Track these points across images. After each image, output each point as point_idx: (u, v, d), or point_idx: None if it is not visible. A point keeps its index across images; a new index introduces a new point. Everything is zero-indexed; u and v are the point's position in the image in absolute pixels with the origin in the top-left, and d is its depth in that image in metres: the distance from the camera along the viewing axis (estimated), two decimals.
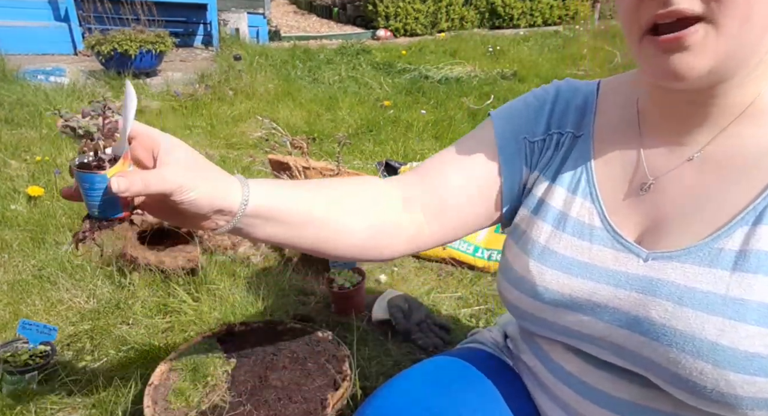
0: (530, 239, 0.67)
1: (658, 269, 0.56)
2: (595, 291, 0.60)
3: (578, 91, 0.71)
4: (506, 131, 0.71)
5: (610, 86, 0.71)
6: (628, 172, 0.64)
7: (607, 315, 0.59)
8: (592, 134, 0.67)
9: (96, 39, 4.04)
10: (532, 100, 0.73)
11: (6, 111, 3.27)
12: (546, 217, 0.66)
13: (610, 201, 0.64)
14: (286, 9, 9.29)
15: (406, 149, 3.14)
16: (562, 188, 0.67)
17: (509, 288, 0.69)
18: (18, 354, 1.33)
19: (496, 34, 7.20)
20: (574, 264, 0.62)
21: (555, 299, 0.63)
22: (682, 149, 0.60)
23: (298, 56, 5.39)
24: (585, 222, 0.64)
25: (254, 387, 1.22)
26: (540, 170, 0.70)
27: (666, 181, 0.60)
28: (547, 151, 0.70)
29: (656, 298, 0.55)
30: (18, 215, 2.15)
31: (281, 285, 1.77)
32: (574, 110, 0.70)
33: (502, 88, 4.46)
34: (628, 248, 0.60)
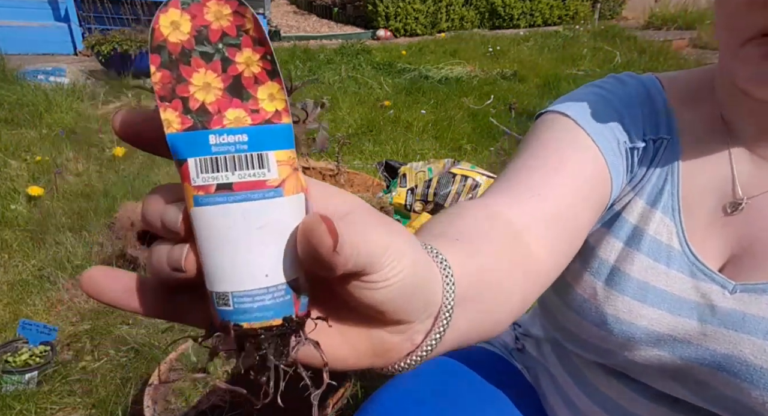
0: (597, 256, 0.58)
1: (750, 303, 0.50)
2: (676, 325, 0.53)
3: (654, 91, 0.61)
4: (605, 136, 0.57)
5: (678, 85, 0.61)
6: (717, 188, 0.55)
7: (688, 351, 0.52)
8: (680, 138, 0.58)
9: (96, 39, 4.04)
10: (611, 98, 0.60)
11: (6, 111, 3.27)
12: (618, 232, 0.57)
13: (691, 219, 0.55)
14: (286, 9, 9.29)
15: (406, 149, 3.14)
16: (641, 199, 0.57)
17: (568, 314, 0.60)
18: (18, 354, 1.33)
19: (496, 34, 7.20)
20: (650, 291, 0.54)
21: (626, 332, 0.55)
22: None
23: (298, 56, 5.39)
24: (663, 242, 0.55)
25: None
26: (632, 181, 0.59)
27: (758, 203, 0.53)
28: (642, 160, 0.59)
29: (750, 336, 0.49)
30: (18, 215, 2.15)
31: None
32: (660, 112, 0.60)
33: (502, 88, 4.46)
34: (711, 277, 0.53)
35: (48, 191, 2.35)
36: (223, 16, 0.24)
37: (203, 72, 0.24)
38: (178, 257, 0.25)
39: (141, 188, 2.45)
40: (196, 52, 0.24)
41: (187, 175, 0.24)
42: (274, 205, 0.24)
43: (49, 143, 2.90)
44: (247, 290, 0.24)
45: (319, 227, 0.23)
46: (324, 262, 0.23)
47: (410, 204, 2.19)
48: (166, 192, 0.26)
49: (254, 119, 0.24)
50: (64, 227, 2.08)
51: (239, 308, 0.24)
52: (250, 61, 0.25)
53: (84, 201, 2.29)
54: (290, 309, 0.25)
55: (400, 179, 2.28)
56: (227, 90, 0.24)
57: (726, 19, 0.48)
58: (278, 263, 0.25)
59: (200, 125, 0.24)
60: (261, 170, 0.24)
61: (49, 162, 2.65)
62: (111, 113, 3.45)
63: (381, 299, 0.26)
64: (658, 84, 0.61)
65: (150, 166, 2.76)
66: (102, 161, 2.78)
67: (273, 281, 0.25)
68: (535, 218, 0.49)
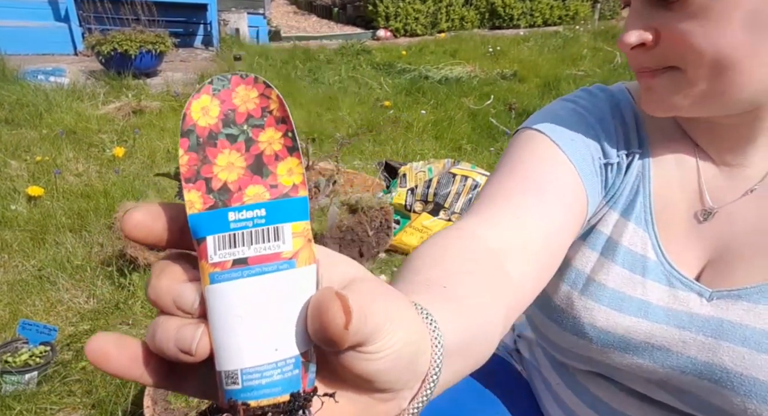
0: (573, 267, 0.59)
1: (727, 310, 0.51)
2: (654, 333, 0.53)
3: (624, 103, 0.62)
4: (579, 153, 0.57)
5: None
6: (688, 197, 0.56)
7: (669, 359, 0.53)
8: (649, 150, 0.59)
9: (96, 39, 4.04)
10: (584, 114, 0.60)
11: (6, 111, 3.27)
12: (594, 244, 0.58)
13: (665, 229, 0.56)
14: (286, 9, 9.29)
15: (406, 150, 3.14)
16: (615, 211, 0.58)
17: (547, 323, 0.61)
18: (18, 354, 1.33)
19: (496, 34, 7.20)
20: (626, 300, 0.54)
21: (604, 340, 0.56)
22: (745, 175, 0.55)
23: (298, 56, 5.39)
24: (637, 252, 0.56)
25: None
26: (608, 196, 0.60)
27: (728, 211, 0.54)
28: (618, 174, 0.59)
29: (729, 343, 0.49)
30: (18, 215, 2.15)
31: None
32: (630, 125, 0.61)
33: (502, 88, 4.46)
34: (688, 285, 0.53)
35: (48, 191, 2.35)
36: (250, 99, 0.25)
37: (227, 153, 0.25)
38: (189, 339, 0.24)
39: (141, 188, 2.45)
40: (222, 135, 0.25)
41: (205, 253, 0.24)
42: (287, 277, 0.24)
43: (49, 143, 2.90)
44: (257, 366, 0.24)
45: (334, 305, 0.22)
46: (332, 338, 0.22)
47: (410, 204, 2.19)
48: (175, 268, 0.25)
49: (272, 194, 0.25)
50: (64, 227, 2.08)
51: (248, 386, 0.24)
52: (272, 139, 0.26)
53: (84, 201, 2.29)
54: (298, 384, 0.25)
55: (400, 179, 2.28)
56: (249, 168, 0.25)
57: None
58: (289, 336, 0.24)
59: (221, 204, 0.24)
60: (276, 243, 0.24)
61: (49, 162, 2.65)
62: (111, 112, 3.45)
63: (374, 371, 0.25)
64: (628, 95, 0.62)
65: (150, 166, 2.76)
66: (102, 161, 2.78)
67: (282, 355, 0.24)
68: (514, 242, 0.50)
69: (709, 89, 0.48)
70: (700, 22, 0.44)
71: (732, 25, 0.44)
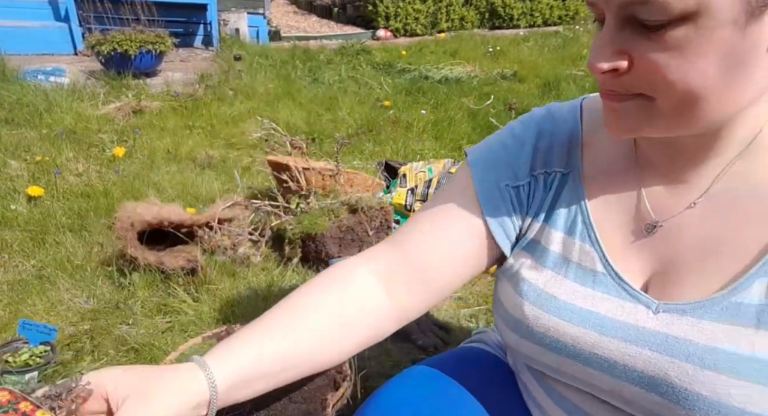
0: (526, 280, 0.62)
1: (672, 324, 0.52)
2: (599, 344, 0.55)
3: (562, 122, 0.65)
4: (486, 181, 0.65)
5: (596, 113, 0.64)
6: (629, 212, 0.59)
7: (617, 370, 0.54)
8: (581, 170, 0.62)
9: (96, 39, 4.03)
10: (510, 141, 0.67)
11: (6, 111, 3.26)
12: (545, 261, 0.61)
13: (611, 244, 0.59)
14: (286, 9, 9.28)
15: (406, 150, 3.14)
16: (558, 230, 0.62)
17: (507, 331, 0.64)
18: (18, 354, 1.33)
19: (496, 34, 7.20)
20: (576, 311, 0.57)
21: (555, 347, 0.58)
22: (687, 188, 0.56)
23: (298, 56, 5.38)
24: (587, 268, 0.59)
25: None
26: (533, 214, 0.64)
27: (673, 224, 0.56)
28: (536, 193, 0.64)
29: (674, 358, 0.51)
30: (18, 215, 2.15)
31: (281, 285, 1.77)
32: (560, 146, 0.64)
33: (502, 88, 4.46)
34: (635, 297, 0.55)
35: (48, 191, 2.35)
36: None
37: None
38: None
39: (141, 188, 2.45)
40: None
41: None
42: None
43: (49, 143, 2.90)
44: None
45: None
46: None
47: (410, 204, 2.19)
48: None
49: None
50: (64, 227, 2.08)
51: None
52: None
53: (84, 201, 2.29)
54: None
55: (400, 179, 2.28)
56: None
57: None
58: None
59: None
60: None
61: (49, 162, 2.65)
62: (111, 112, 3.45)
63: None
64: (578, 114, 0.65)
65: (150, 166, 2.76)
66: (102, 161, 2.78)
67: None
68: (402, 269, 0.66)
69: (676, 118, 0.48)
70: (676, 55, 0.44)
71: (706, 61, 0.43)
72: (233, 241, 1.89)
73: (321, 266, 1.87)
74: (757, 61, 0.44)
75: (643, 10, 0.43)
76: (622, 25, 0.46)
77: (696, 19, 0.41)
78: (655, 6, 0.42)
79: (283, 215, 1.98)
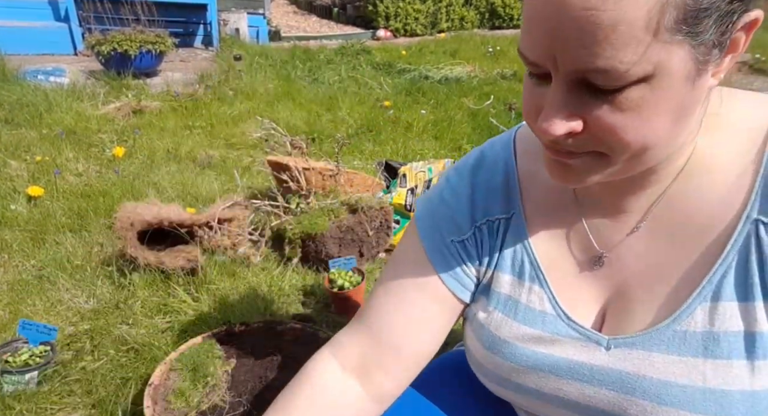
0: (480, 324, 0.62)
1: (624, 360, 0.52)
2: (560, 387, 0.55)
3: (497, 166, 0.64)
4: (432, 238, 0.65)
5: (529, 146, 0.63)
6: (574, 246, 0.58)
7: (580, 409, 0.55)
8: (522, 211, 0.61)
9: (96, 39, 4.04)
10: (447, 194, 0.66)
11: (6, 111, 3.27)
12: (496, 304, 0.61)
13: (558, 282, 0.58)
14: (286, 9, 9.28)
15: (406, 149, 3.14)
16: (506, 273, 0.61)
17: (476, 371, 0.65)
18: (18, 354, 1.33)
19: (496, 34, 7.20)
20: (530, 356, 0.57)
21: (521, 389, 0.59)
22: (628, 216, 0.55)
23: (298, 56, 5.39)
24: (536, 309, 0.58)
25: (254, 387, 1.22)
26: (484, 263, 0.64)
27: (618, 253, 0.55)
28: (483, 242, 0.63)
29: (631, 396, 0.51)
30: (18, 215, 2.15)
31: (281, 285, 1.78)
32: (497, 190, 0.63)
33: (502, 88, 4.46)
34: (586, 335, 0.55)
35: (48, 191, 2.35)
36: None
37: None
38: None
39: (141, 188, 2.45)
40: None
41: None
42: None
43: (49, 143, 2.90)
44: None
45: None
46: None
47: (410, 204, 2.19)
48: None
49: None
50: (64, 227, 2.08)
51: None
52: None
53: (84, 201, 2.29)
54: None
55: (400, 179, 2.28)
56: None
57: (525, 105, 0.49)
58: None
59: None
60: None
61: (49, 162, 2.65)
62: (111, 112, 3.45)
63: None
64: (511, 150, 0.64)
65: (150, 166, 2.76)
66: (102, 161, 2.78)
67: None
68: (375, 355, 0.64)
69: (625, 167, 0.47)
70: (632, 115, 0.42)
71: (660, 118, 0.43)
72: (233, 241, 1.89)
73: (321, 266, 1.87)
74: (699, 104, 0.45)
75: (598, 76, 0.41)
76: (571, 88, 0.43)
77: (651, 80, 0.41)
78: (613, 74, 0.40)
79: (283, 215, 1.98)
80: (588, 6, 0.38)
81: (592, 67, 0.40)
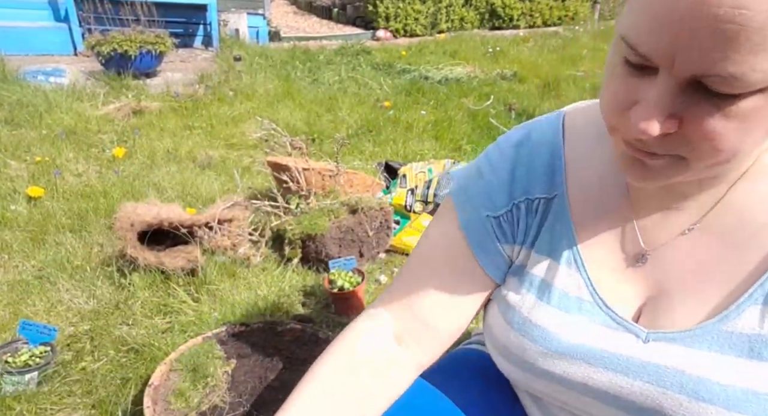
0: (511, 307, 0.60)
1: (662, 354, 0.51)
2: (590, 375, 0.54)
3: (541, 146, 0.61)
4: (468, 212, 0.64)
5: (579, 129, 0.61)
6: (620, 240, 0.57)
7: (609, 400, 0.53)
8: (566, 194, 0.59)
9: (96, 39, 4.04)
10: (487, 170, 0.64)
11: (6, 111, 3.27)
12: (529, 286, 0.60)
13: (598, 271, 0.57)
14: (286, 10, 9.29)
15: (406, 150, 3.14)
16: (542, 255, 0.60)
17: (496, 355, 0.64)
18: (18, 354, 1.33)
19: (496, 34, 7.20)
20: (562, 343, 0.55)
21: (546, 376, 0.57)
22: (679, 216, 0.54)
23: (297, 57, 5.39)
24: (572, 294, 0.57)
25: (254, 387, 1.22)
26: (519, 241, 0.62)
27: (664, 252, 0.54)
28: (520, 221, 0.61)
29: (667, 390, 0.50)
30: (18, 215, 2.15)
31: (281, 285, 1.78)
32: (541, 170, 0.61)
33: (502, 88, 4.46)
34: (624, 326, 0.53)
35: (48, 191, 2.35)
36: None
37: None
38: None
39: (141, 189, 2.45)
40: None
41: None
42: None
43: (49, 144, 2.90)
44: None
45: None
46: None
47: (410, 205, 2.19)
48: None
49: None
50: (64, 227, 2.08)
51: None
52: None
53: (84, 202, 2.29)
54: None
55: (400, 179, 2.28)
56: None
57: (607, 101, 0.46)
58: None
59: None
60: None
61: (49, 162, 2.65)
62: (111, 113, 3.45)
63: None
64: (560, 133, 0.61)
65: (150, 166, 2.76)
66: (102, 161, 2.78)
67: None
68: (407, 325, 0.65)
69: (701, 173, 0.46)
70: (737, 125, 0.39)
71: (761, 129, 0.41)
72: (233, 241, 1.89)
73: (321, 266, 1.87)
74: None
75: (718, 81, 0.37)
76: (684, 89, 0.40)
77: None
78: (740, 81, 0.36)
79: (283, 215, 1.98)
80: (738, 4, 0.34)
81: (722, 73, 0.36)
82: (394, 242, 2.04)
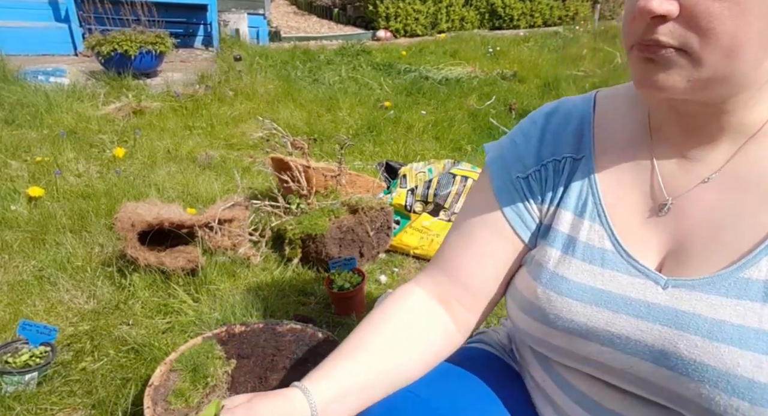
0: (538, 263, 0.64)
1: (681, 299, 0.54)
2: (613, 321, 0.57)
3: (571, 115, 0.68)
4: (502, 180, 0.69)
5: (609, 99, 0.67)
6: (643, 192, 0.60)
7: (629, 347, 0.56)
8: (593, 153, 0.64)
9: (96, 39, 4.04)
10: (520, 138, 0.70)
11: (6, 111, 3.27)
12: (554, 242, 0.63)
13: (622, 223, 0.60)
14: (286, 10, 9.29)
15: (406, 150, 3.14)
16: (568, 211, 0.64)
17: (518, 313, 0.66)
18: (18, 354, 1.33)
19: (496, 34, 7.20)
20: (587, 291, 0.59)
21: (568, 328, 0.60)
22: (700, 168, 0.57)
23: (298, 57, 5.39)
24: (595, 246, 0.60)
25: (254, 387, 1.22)
26: (547, 200, 0.67)
27: (685, 202, 0.57)
28: (548, 180, 0.67)
29: (683, 332, 0.52)
30: (18, 215, 2.15)
31: (281, 285, 1.78)
32: (569, 135, 0.66)
33: (503, 88, 4.46)
34: (645, 274, 0.57)
35: (48, 191, 2.35)
36: None
37: None
38: None
39: (141, 189, 2.45)
40: None
41: None
42: None
43: (49, 144, 2.90)
44: None
45: None
46: None
47: (410, 205, 2.19)
48: None
49: None
50: (65, 227, 2.08)
51: None
52: None
53: (84, 202, 2.29)
54: None
55: (400, 179, 2.28)
56: None
57: (623, 25, 0.53)
58: None
59: None
60: None
61: (49, 162, 2.65)
62: (111, 113, 3.45)
63: None
64: (591, 102, 0.68)
65: (150, 167, 2.76)
66: (102, 161, 2.78)
67: None
68: (449, 289, 0.71)
69: (713, 74, 0.48)
70: (731, 5, 0.44)
71: (757, 19, 0.45)
72: (233, 241, 1.89)
73: (321, 266, 1.87)
74: None
75: None
76: None
77: None
78: None
79: (284, 215, 1.98)
80: None
81: None
82: (394, 242, 2.04)
